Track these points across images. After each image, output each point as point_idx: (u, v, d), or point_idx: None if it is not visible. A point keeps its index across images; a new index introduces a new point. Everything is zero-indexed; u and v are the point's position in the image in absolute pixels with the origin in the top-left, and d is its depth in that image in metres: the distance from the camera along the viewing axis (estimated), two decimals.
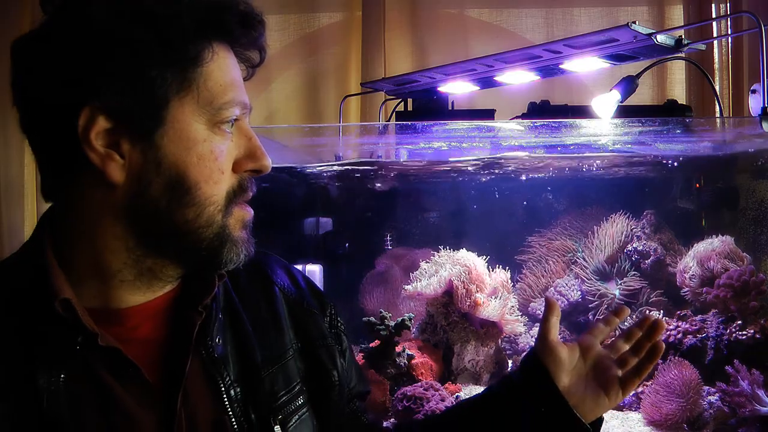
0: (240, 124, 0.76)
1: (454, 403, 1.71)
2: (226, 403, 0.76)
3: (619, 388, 0.86)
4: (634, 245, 2.25)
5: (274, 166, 0.79)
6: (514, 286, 2.35)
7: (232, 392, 0.77)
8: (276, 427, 0.79)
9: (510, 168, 2.42)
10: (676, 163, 2.32)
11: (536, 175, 2.51)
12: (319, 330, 0.90)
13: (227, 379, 0.78)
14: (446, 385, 1.83)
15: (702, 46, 1.66)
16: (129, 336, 0.74)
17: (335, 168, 2.28)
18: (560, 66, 1.70)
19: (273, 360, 0.83)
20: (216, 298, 0.80)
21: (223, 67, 0.73)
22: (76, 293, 0.71)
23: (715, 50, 2.50)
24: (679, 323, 1.91)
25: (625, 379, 0.86)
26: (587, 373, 0.88)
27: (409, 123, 1.97)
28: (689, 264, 2.06)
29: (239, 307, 0.84)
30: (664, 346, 0.87)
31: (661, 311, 2.07)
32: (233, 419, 0.76)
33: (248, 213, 0.78)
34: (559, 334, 2.41)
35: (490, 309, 1.93)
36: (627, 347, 0.89)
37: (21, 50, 0.71)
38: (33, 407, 0.68)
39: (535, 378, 0.87)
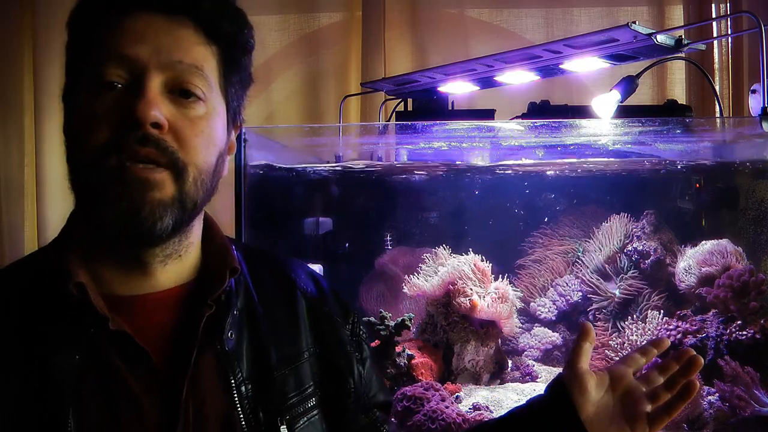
0: (137, 81, 0.73)
1: (455, 400, 1.71)
2: (236, 399, 0.77)
3: (646, 426, 0.82)
4: (634, 245, 2.24)
5: (274, 165, 0.79)
6: (512, 284, 2.35)
7: (243, 389, 0.78)
8: (282, 427, 0.79)
9: (510, 168, 2.42)
10: (676, 163, 2.32)
11: (536, 175, 2.51)
12: (339, 336, 0.90)
13: (239, 376, 0.78)
14: (446, 385, 1.83)
15: (702, 46, 1.67)
16: (142, 324, 0.76)
17: (335, 168, 2.28)
18: (560, 66, 1.70)
19: (287, 361, 0.83)
20: (231, 294, 0.82)
21: (115, 33, 0.74)
22: (94, 279, 0.75)
23: (715, 50, 2.50)
24: (679, 323, 1.91)
25: (654, 417, 0.82)
26: (614, 405, 0.84)
27: (409, 123, 1.97)
28: (689, 264, 2.06)
29: (258, 307, 0.85)
30: (698, 385, 0.83)
31: (661, 311, 2.07)
32: (242, 416, 0.77)
33: (125, 168, 0.71)
34: (560, 334, 2.41)
35: (489, 312, 1.93)
36: (661, 380, 0.85)
37: None
38: (44, 384, 0.70)
39: (558, 405, 0.85)
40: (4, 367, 0.71)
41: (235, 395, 0.77)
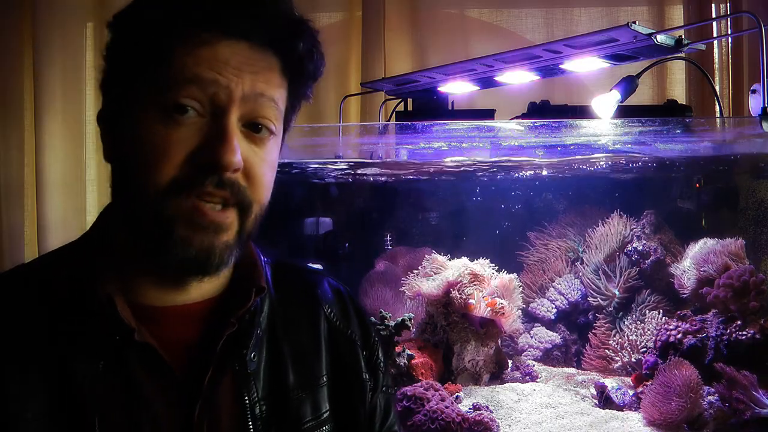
0: (218, 116, 0.70)
1: (455, 400, 1.71)
2: (249, 419, 0.76)
3: None
4: (634, 245, 2.25)
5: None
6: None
7: (257, 409, 0.77)
8: None
9: (510, 168, 2.42)
10: (676, 163, 2.32)
11: (536, 175, 2.51)
12: (356, 362, 0.89)
13: (254, 396, 0.77)
14: (446, 385, 1.83)
15: (702, 46, 1.66)
16: (169, 336, 0.74)
17: (335, 167, 2.28)
18: (560, 66, 1.70)
19: (305, 384, 0.82)
20: (256, 312, 0.80)
21: (194, 54, 0.69)
22: (124, 287, 0.73)
23: (715, 50, 2.51)
24: (679, 323, 1.91)
25: None
26: None
27: (409, 123, 1.97)
28: (689, 264, 2.06)
29: (281, 326, 0.83)
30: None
31: (661, 311, 2.07)
32: None
33: (198, 210, 0.69)
34: (559, 334, 2.41)
35: (485, 311, 1.93)
36: None
37: None
38: (68, 390, 0.70)
39: None
40: (29, 369, 0.70)
41: (248, 415, 0.76)
